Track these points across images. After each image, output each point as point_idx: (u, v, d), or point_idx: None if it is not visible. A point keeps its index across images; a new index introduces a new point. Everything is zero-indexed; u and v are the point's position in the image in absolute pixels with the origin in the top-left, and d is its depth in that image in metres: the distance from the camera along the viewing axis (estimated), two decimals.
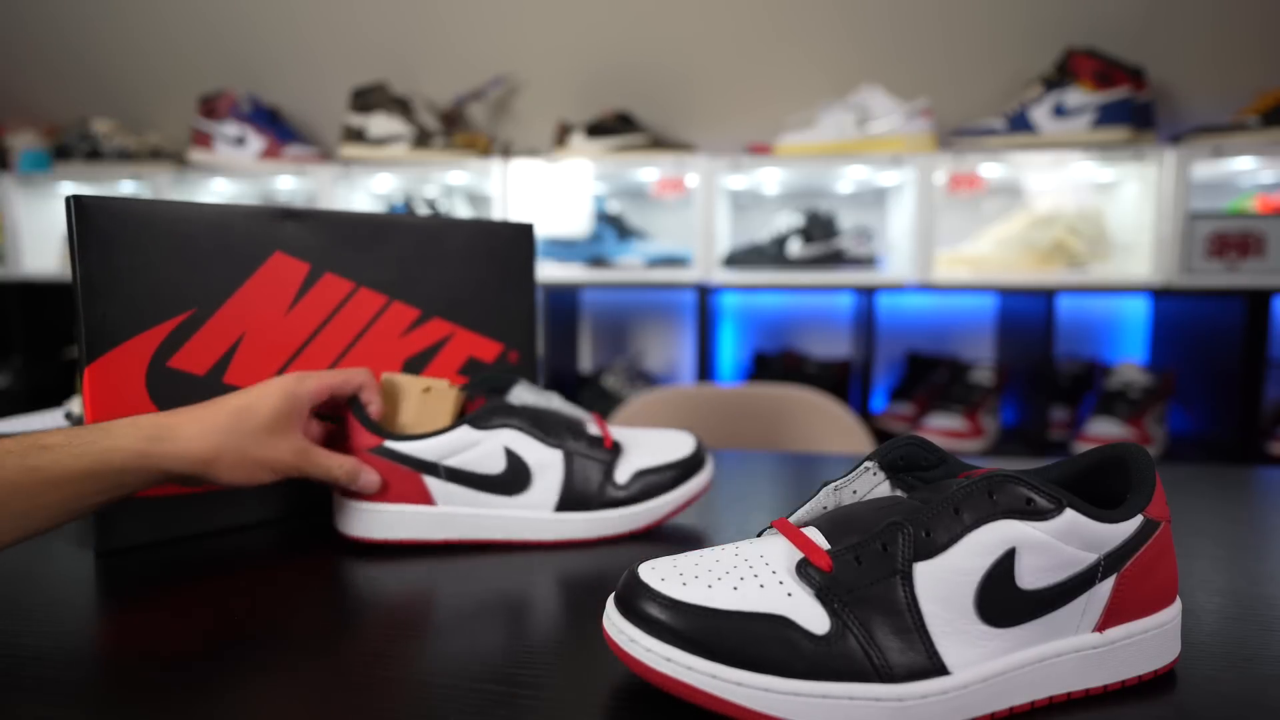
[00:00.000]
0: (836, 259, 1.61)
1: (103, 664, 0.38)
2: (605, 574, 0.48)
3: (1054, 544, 0.32)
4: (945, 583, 0.32)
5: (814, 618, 0.31)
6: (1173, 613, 0.36)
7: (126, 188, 1.88)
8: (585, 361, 1.99)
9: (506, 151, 1.78)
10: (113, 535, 0.52)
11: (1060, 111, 1.50)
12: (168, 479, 0.43)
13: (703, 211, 1.61)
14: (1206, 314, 1.54)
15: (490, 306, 0.66)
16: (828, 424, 1.08)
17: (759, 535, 0.37)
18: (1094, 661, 0.34)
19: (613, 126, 1.68)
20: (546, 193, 1.70)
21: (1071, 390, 1.67)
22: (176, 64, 2.07)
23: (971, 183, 1.57)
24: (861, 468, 0.37)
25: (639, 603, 0.33)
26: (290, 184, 1.86)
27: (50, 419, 0.67)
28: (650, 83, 1.87)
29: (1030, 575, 0.32)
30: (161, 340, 0.51)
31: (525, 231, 0.69)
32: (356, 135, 1.73)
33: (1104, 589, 0.34)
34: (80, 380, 0.50)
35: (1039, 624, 0.33)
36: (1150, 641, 0.35)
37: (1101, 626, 0.34)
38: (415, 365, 0.63)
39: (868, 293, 1.63)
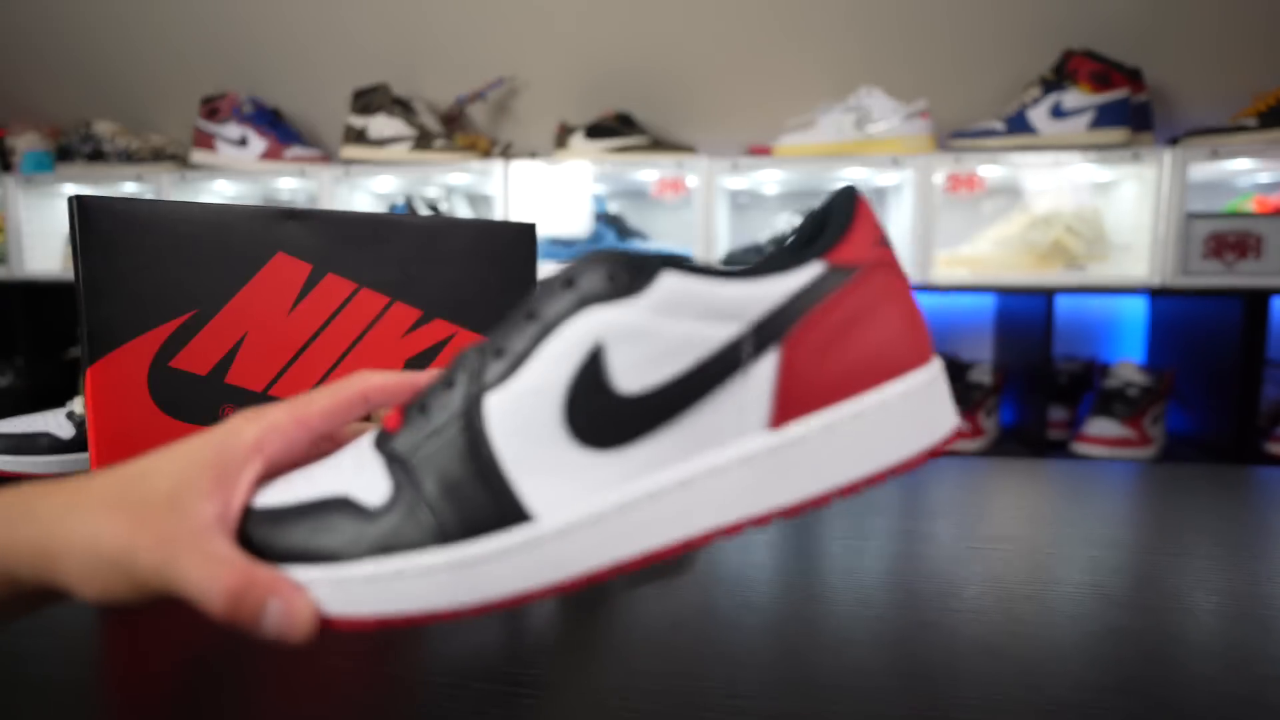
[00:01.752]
0: None
1: (103, 663, 0.38)
2: None
3: (653, 323, 0.24)
4: (522, 408, 0.25)
5: (374, 488, 0.25)
6: (917, 380, 0.26)
7: (129, 189, 1.88)
8: None
9: (507, 152, 1.78)
10: None
11: (1058, 113, 1.51)
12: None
13: (702, 212, 1.61)
14: (1204, 314, 1.54)
15: (492, 307, 0.66)
16: None
17: None
18: (778, 469, 0.25)
19: (613, 128, 1.68)
20: (547, 194, 1.70)
21: (1070, 390, 1.67)
22: (178, 66, 2.07)
23: (970, 184, 1.57)
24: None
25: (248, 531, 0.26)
26: (292, 185, 1.86)
27: (53, 419, 0.67)
28: (650, 84, 1.87)
29: (630, 374, 0.24)
30: (163, 341, 0.51)
31: (527, 232, 0.68)
32: (358, 136, 1.73)
33: (764, 370, 0.25)
34: (82, 381, 0.50)
35: (672, 435, 0.25)
36: (875, 425, 0.25)
37: (777, 420, 0.25)
38: (417, 366, 0.63)
39: None
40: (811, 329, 0.25)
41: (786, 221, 1.67)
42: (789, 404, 0.25)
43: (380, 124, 1.71)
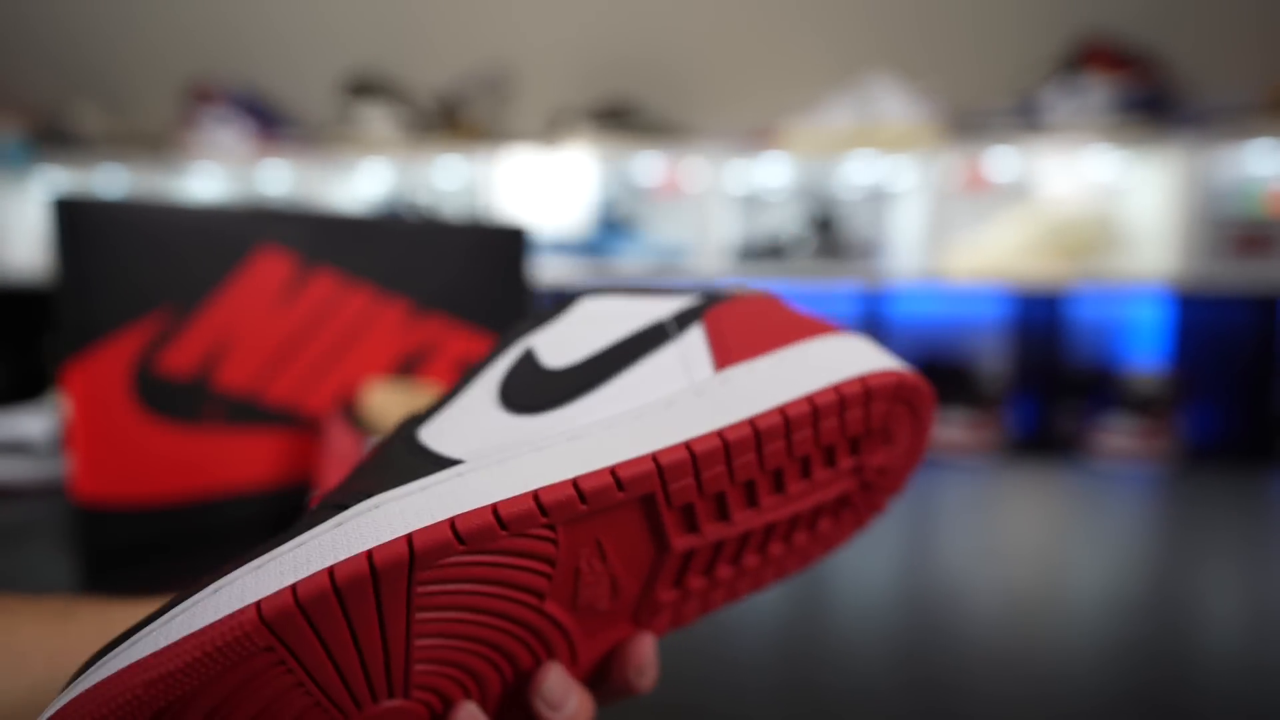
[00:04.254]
0: (842, 253, 1.59)
1: None
2: None
3: (576, 330, 0.27)
4: (459, 415, 0.24)
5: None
6: (836, 337, 0.27)
7: (109, 175, 1.85)
8: None
9: (501, 139, 1.75)
10: (100, 542, 0.49)
11: (1072, 99, 1.48)
12: None
13: (703, 201, 1.59)
14: (1222, 315, 1.53)
15: (484, 306, 0.65)
16: None
17: None
18: (727, 396, 0.24)
19: (611, 113, 1.65)
20: (542, 181, 1.67)
21: (1084, 391, 1.65)
22: (161, 49, 2.03)
23: (981, 174, 1.55)
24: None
25: None
26: (279, 171, 1.83)
27: (35, 421, 0.65)
28: (650, 70, 1.84)
29: (557, 355, 0.26)
30: (146, 340, 0.50)
31: (519, 233, 0.68)
32: (348, 123, 1.70)
33: (694, 337, 0.26)
34: (56, 380, 0.49)
35: (609, 389, 0.24)
36: (811, 356, 0.25)
37: (721, 364, 0.25)
38: (409, 364, 0.61)
39: (874, 293, 1.61)
40: (724, 312, 0.27)
41: (790, 214, 1.64)
42: (725, 352, 0.25)
43: (371, 111, 1.68)
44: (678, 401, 0.23)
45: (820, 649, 0.40)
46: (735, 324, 0.26)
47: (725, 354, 0.25)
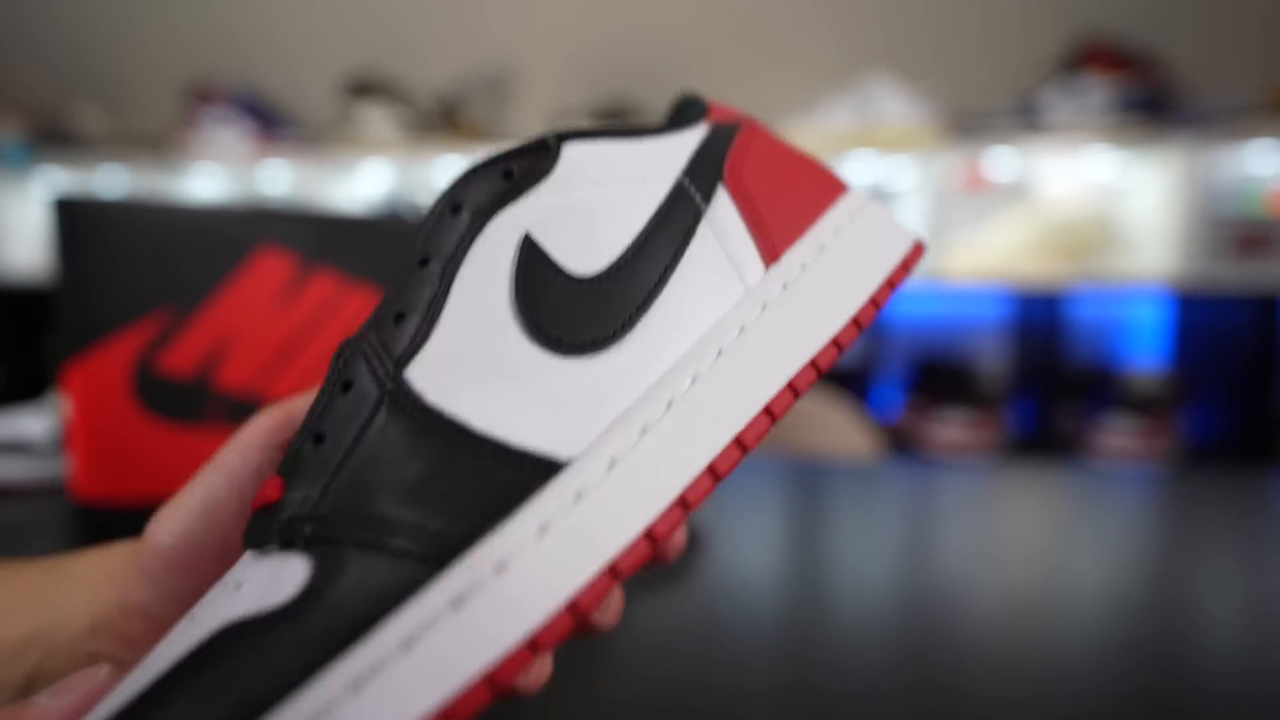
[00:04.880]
0: None
1: None
2: None
3: (576, 197, 0.21)
4: (465, 354, 0.19)
5: (274, 583, 0.16)
6: (854, 199, 0.25)
7: (110, 175, 1.84)
8: None
9: (501, 139, 1.74)
10: (100, 542, 0.49)
11: (1072, 99, 1.48)
12: None
13: None
14: (1222, 316, 1.53)
15: None
16: (835, 424, 1.05)
17: None
18: (797, 307, 0.22)
19: (611, 113, 1.65)
20: None
21: (1084, 391, 1.65)
22: (164, 48, 2.03)
23: (981, 174, 1.55)
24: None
25: None
26: (279, 171, 1.83)
27: (35, 421, 0.65)
28: (650, 70, 1.84)
29: (582, 253, 0.21)
30: (147, 340, 0.50)
31: None
32: (348, 123, 1.69)
33: (725, 211, 0.22)
34: (57, 380, 0.49)
35: (658, 308, 0.21)
36: (857, 237, 0.24)
37: (771, 255, 0.22)
38: None
39: None
40: (739, 167, 0.23)
41: None
42: (770, 234, 0.23)
43: (371, 111, 1.68)
44: (750, 326, 0.21)
45: (819, 650, 0.40)
46: (755, 182, 0.23)
47: (767, 238, 0.22)
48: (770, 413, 0.20)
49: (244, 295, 0.53)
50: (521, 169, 0.21)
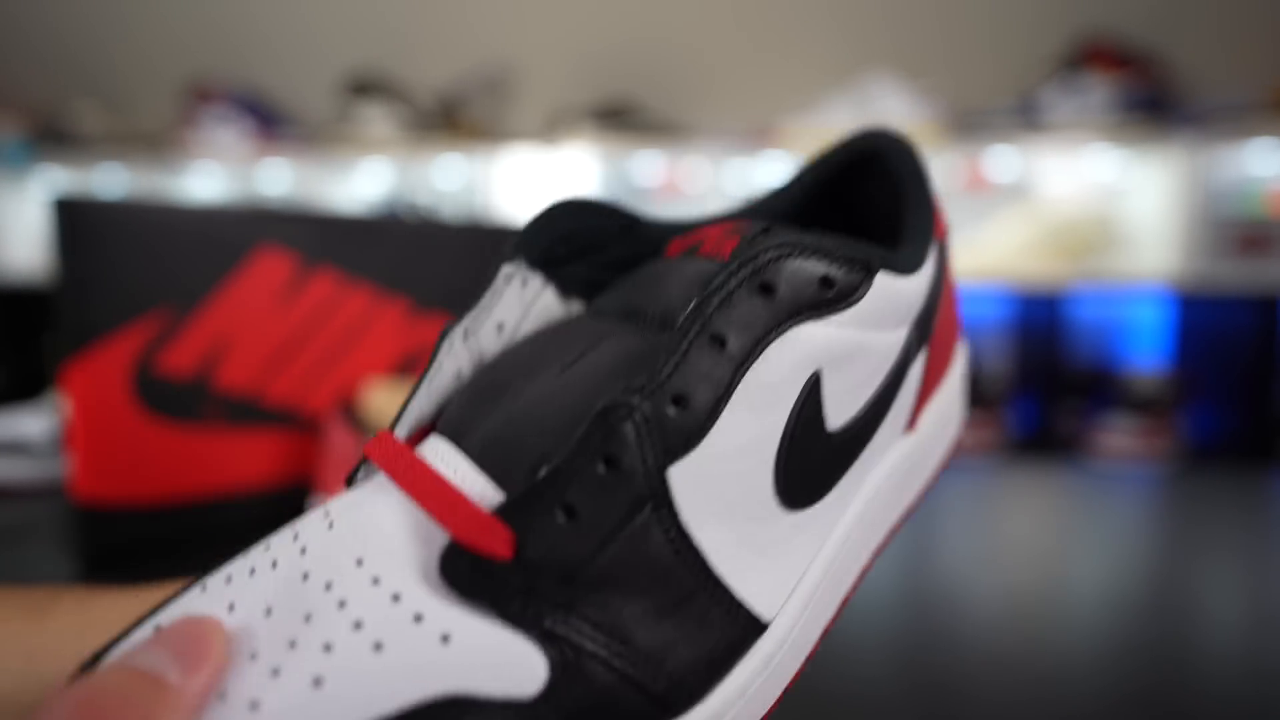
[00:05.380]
0: None
1: None
2: None
3: (863, 340, 0.19)
4: (726, 480, 0.17)
5: (511, 666, 0.15)
6: (960, 359, 0.25)
7: (109, 174, 1.84)
8: None
9: (501, 138, 1.74)
10: (99, 543, 0.49)
11: (1073, 99, 1.47)
12: None
13: (703, 201, 1.58)
14: (1223, 316, 1.52)
15: None
16: None
17: (349, 487, 0.18)
18: (907, 475, 0.22)
19: (611, 113, 1.65)
20: (542, 180, 1.67)
21: (1084, 391, 1.65)
22: (163, 47, 2.02)
23: (981, 174, 1.55)
24: (501, 278, 0.21)
25: None
26: (279, 171, 1.83)
27: (34, 421, 0.64)
28: (650, 70, 1.83)
29: (838, 406, 0.19)
30: (147, 340, 0.50)
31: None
32: (347, 122, 1.69)
33: (916, 371, 0.21)
34: (55, 380, 0.49)
35: (854, 469, 0.20)
36: (952, 407, 0.24)
37: (913, 422, 0.22)
38: (408, 365, 0.61)
39: None
40: (940, 321, 0.22)
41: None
42: (921, 402, 0.22)
43: (371, 110, 1.68)
44: (881, 488, 0.21)
45: (818, 652, 0.40)
46: (940, 340, 0.22)
47: (921, 401, 0.22)
48: (864, 575, 0.21)
49: (243, 295, 0.53)
50: (841, 283, 0.18)
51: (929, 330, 0.21)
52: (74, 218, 0.47)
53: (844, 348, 0.18)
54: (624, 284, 0.21)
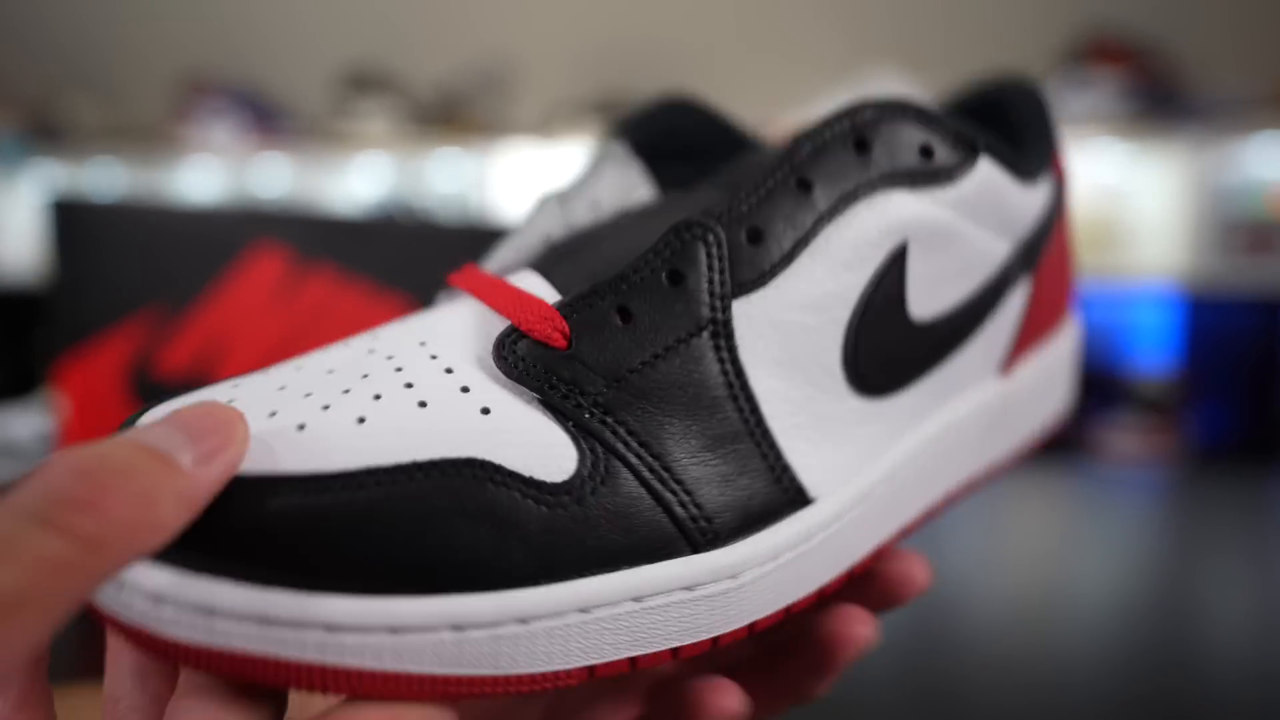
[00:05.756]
0: None
1: (88, 680, 0.35)
2: None
3: (959, 227, 0.18)
4: (791, 331, 0.17)
5: (542, 449, 0.15)
6: (1072, 330, 0.24)
7: (104, 169, 1.83)
8: None
9: (499, 133, 1.74)
10: None
11: (1078, 94, 1.47)
12: None
13: None
14: (1230, 316, 1.53)
15: None
16: None
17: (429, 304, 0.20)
18: (995, 424, 0.21)
19: (609, 107, 1.65)
20: (540, 175, 1.66)
21: (1090, 392, 1.65)
22: (159, 40, 2.02)
23: None
24: (601, 156, 0.21)
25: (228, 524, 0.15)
26: (275, 165, 1.82)
27: (22, 421, 0.64)
28: (648, 63, 1.83)
29: (927, 291, 0.18)
30: (143, 339, 0.50)
31: None
32: (344, 116, 1.68)
33: (1016, 301, 0.20)
34: (46, 379, 0.50)
35: (935, 378, 0.19)
36: (1057, 374, 0.23)
37: (1008, 366, 0.21)
38: None
39: None
40: (1050, 254, 0.21)
41: None
42: (1020, 345, 0.21)
43: (368, 105, 1.68)
44: (966, 425, 0.20)
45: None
46: (1050, 278, 0.21)
47: (1021, 343, 0.21)
48: (931, 513, 0.20)
49: (239, 293, 0.53)
50: (942, 156, 0.18)
51: (1034, 260, 0.20)
52: (69, 217, 0.48)
53: (938, 227, 0.18)
54: (722, 169, 0.20)
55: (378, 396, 0.15)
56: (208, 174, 1.86)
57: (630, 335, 0.16)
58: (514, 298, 0.17)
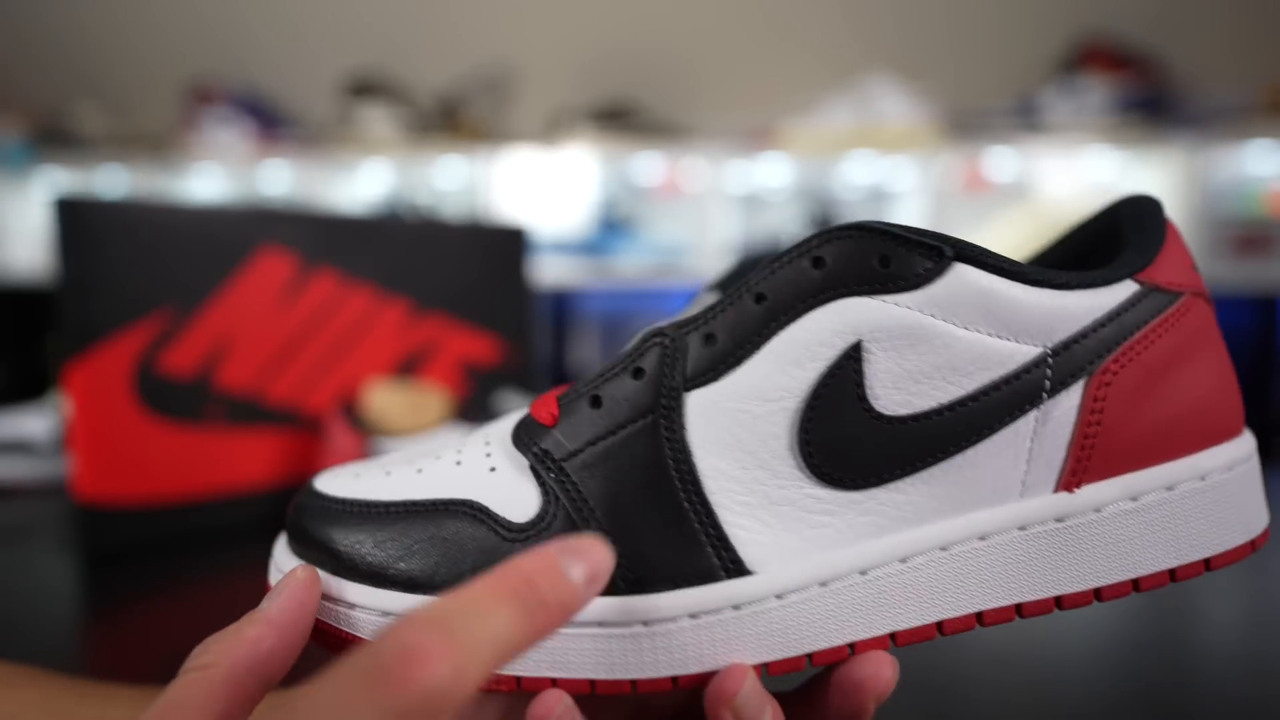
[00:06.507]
0: None
1: (84, 658, 0.36)
2: None
3: (935, 329, 0.18)
4: (740, 416, 0.19)
5: (518, 497, 0.20)
6: (1237, 450, 0.21)
7: (110, 175, 1.84)
8: (595, 359, 1.96)
9: (501, 139, 1.75)
10: (101, 542, 0.49)
11: (1072, 99, 1.48)
12: None
13: (702, 201, 1.59)
14: (1222, 316, 1.51)
15: (485, 305, 0.65)
16: None
17: None
18: (1064, 544, 0.20)
19: (611, 113, 1.65)
20: (542, 181, 1.67)
21: None
22: (165, 48, 2.03)
23: (981, 174, 1.55)
24: (696, 302, 0.22)
25: (299, 518, 0.22)
26: (280, 171, 1.83)
27: (36, 420, 0.64)
28: (649, 70, 1.84)
29: (894, 391, 0.19)
30: (149, 340, 0.50)
31: (519, 232, 0.69)
32: (348, 123, 1.69)
33: (1063, 411, 0.19)
34: (58, 380, 0.49)
35: (934, 480, 0.19)
36: (1191, 503, 0.20)
37: (1071, 482, 0.20)
38: (409, 365, 0.61)
39: None
40: (1127, 364, 0.19)
41: (790, 214, 1.64)
42: (1088, 460, 0.19)
43: (372, 111, 1.68)
44: (1003, 540, 0.19)
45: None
46: (1132, 390, 0.19)
47: (1081, 462, 0.19)
48: (981, 619, 0.20)
49: (245, 295, 0.53)
50: (899, 262, 0.18)
51: (1087, 366, 0.19)
52: (76, 218, 0.48)
53: (901, 328, 0.18)
54: None
55: (435, 459, 0.22)
56: (213, 181, 1.87)
57: (597, 417, 0.20)
58: (544, 396, 0.22)
